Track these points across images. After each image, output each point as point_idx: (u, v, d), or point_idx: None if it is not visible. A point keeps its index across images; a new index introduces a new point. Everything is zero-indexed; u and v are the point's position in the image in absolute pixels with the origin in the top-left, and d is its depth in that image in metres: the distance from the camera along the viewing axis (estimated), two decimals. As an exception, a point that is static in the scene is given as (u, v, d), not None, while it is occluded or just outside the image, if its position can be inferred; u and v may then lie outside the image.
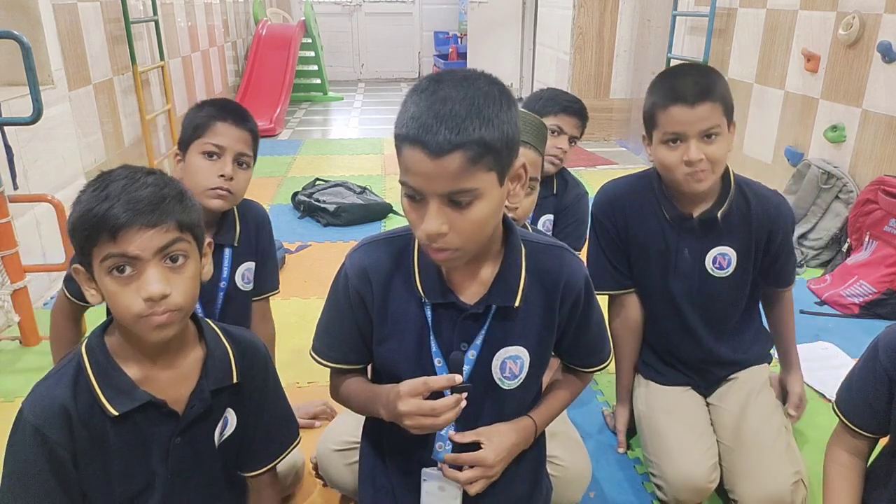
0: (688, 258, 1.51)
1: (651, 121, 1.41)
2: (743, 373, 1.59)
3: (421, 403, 0.95)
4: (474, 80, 0.89)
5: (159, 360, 0.99)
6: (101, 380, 0.95)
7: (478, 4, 7.06)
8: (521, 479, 1.16)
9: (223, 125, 1.44)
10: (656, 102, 1.38)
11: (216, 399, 1.04)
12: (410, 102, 0.89)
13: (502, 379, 1.07)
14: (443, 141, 0.83)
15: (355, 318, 1.07)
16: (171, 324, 0.93)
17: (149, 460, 1.01)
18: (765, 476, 1.38)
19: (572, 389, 1.20)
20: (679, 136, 1.35)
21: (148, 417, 0.99)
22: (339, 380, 1.15)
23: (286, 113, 6.34)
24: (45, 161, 2.56)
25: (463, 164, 0.85)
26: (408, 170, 0.88)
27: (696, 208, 1.49)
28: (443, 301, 1.01)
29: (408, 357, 1.04)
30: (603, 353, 1.18)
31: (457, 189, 0.87)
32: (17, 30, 2.01)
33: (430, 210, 0.88)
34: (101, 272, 0.91)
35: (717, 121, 1.34)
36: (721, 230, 1.48)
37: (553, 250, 1.07)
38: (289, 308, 2.53)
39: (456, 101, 0.85)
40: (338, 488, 1.48)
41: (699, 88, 1.33)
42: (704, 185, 1.39)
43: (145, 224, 0.89)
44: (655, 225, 1.52)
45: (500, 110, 0.87)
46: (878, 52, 2.72)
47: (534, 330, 1.06)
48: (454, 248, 0.91)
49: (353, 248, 1.09)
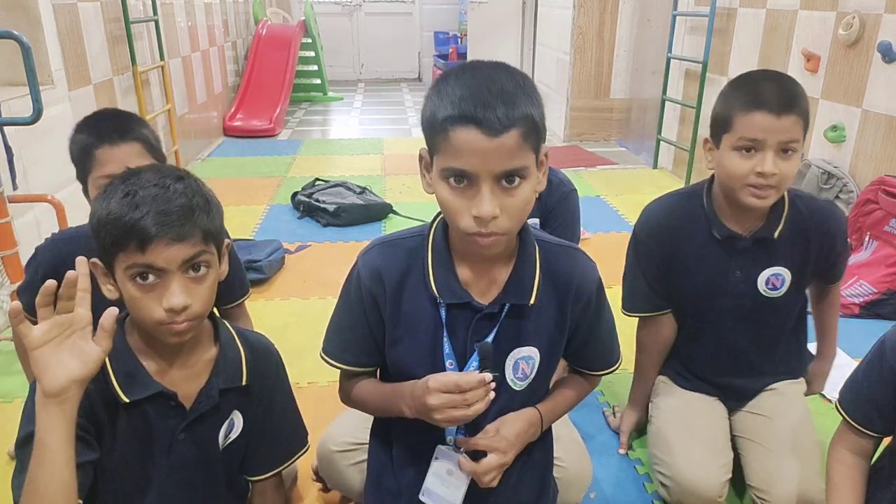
0: (739, 279, 1.44)
1: (724, 124, 1.31)
2: (779, 384, 1.57)
3: (452, 396, 0.94)
4: (505, 65, 0.91)
5: (173, 357, 1.02)
6: (117, 367, 0.98)
7: (478, 4, 7.06)
8: (529, 483, 1.15)
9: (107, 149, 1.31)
10: (736, 106, 1.29)
11: (224, 399, 1.06)
12: (450, 86, 0.87)
13: (514, 380, 1.06)
14: (502, 117, 0.84)
15: (368, 320, 1.06)
16: (189, 330, 0.96)
17: (151, 452, 1.02)
18: (806, 483, 1.35)
19: (579, 390, 1.19)
20: (756, 144, 1.27)
21: (156, 408, 1.00)
22: (351, 383, 1.13)
23: (286, 113, 6.34)
24: (45, 161, 2.56)
25: (518, 140, 0.86)
26: (458, 152, 0.86)
27: (748, 227, 1.41)
28: (458, 301, 1.01)
29: (421, 359, 1.03)
30: (612, 357, 1.17)
31: (512, 167, 0.87)
32: (17, 30, 2.01)
33: (483, 192, 0.87)
34: (123, 276, 0.93)
35: (797, 136, 1.26)
36: (776, 250, 1.41)
37: (566, 251, 1.07)
38: (288, 308, 2.53)
39: (502, 80, 0.86)
40: (339, 489, 1.48)
41: (787, 98, 1.25)
42: (766, 203, 1.32)
43: (174, 238, 0.91)
44: (704, 246, 1.45)
45: (535, 91, 0.90)
46: (878, 52, 2.72)
47: (546, 330, 1.06)
48: (503, 232, 0.91)
49: (366, 249, 1.08)
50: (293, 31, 6.72)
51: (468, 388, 0.93)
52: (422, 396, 0.96)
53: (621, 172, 4.53)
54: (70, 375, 0.85)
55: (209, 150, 5.17)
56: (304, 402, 1.45)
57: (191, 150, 4.78)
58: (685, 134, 4.32)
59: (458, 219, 0.91)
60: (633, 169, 4.70)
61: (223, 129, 5.70)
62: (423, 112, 0.93)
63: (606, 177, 4.38)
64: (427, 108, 0.91)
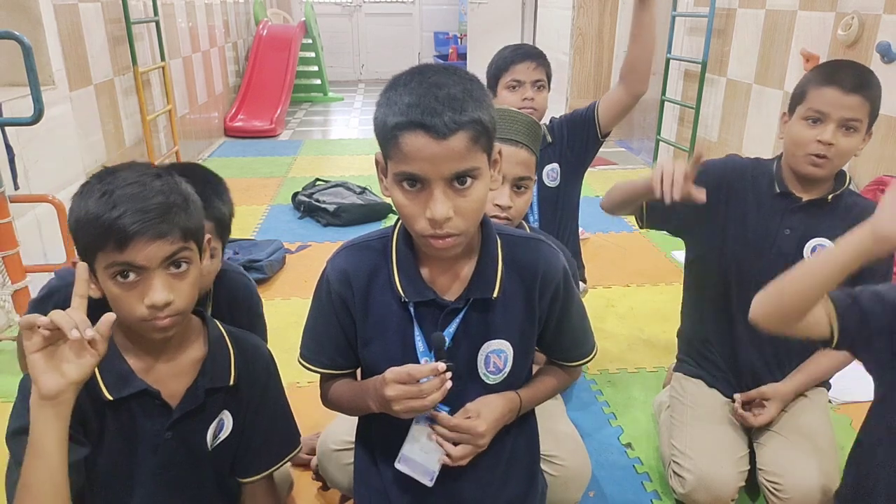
0: (788, 237, 1.48)
1: (800, 96, 1.43)
2: None
3: (408, 387, 0.96)
4: (454, 70, 0.94)
5: (158, 355, 1.02)
6: (102, 365, 0.97)
7: (478, 5, 7.06)
8: (517, 479, 1.16)
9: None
10: (812, 80, 1.41)
11: (211, 398, 1.05)
12: (399, 94, 0.90)
13: (487, 374, 1.08)
14: (448, 121, 0.86)
15: (339, 322, 1.08)
16: (173, 326, 0.96)
17: (138, 452, 1.02)
18: (826, 478, 1.36)
19: (559, 378, 1.19)
20: (822, 116, 1.37)
21: (142, 407, 1.01)
22: (328, 385, 1.15)
23: (286, 113, 6.34)
24: (45, 161, 2.57)
25: (467, 143, 0.88)
26: (408, 157, 0.89)
27: (806, 195, 1.47)
28: (422, 299, 1.02)
29: (392, 357, 1.04)
30: (586, 347, 1.17)
31: (462, 169, 0.89)
32: (17, 30, 2.02)
33: (435, 195, 0.90)
34: (104, 275, 0.93)
35: (861, 115, 1.36)
36: (825, 221, 1.45)
37: (529, 242, 1.08)
38: (289, 308, 2.54)
39: (449, 85, 0.89)
40: (338, 487, 1.49)
41: (857, 80, 1.37)
42: (821, 172, 1.40)
43: (153, 236, 0.91)
44: (762, 198, 1.51)
45: (485, 95, 0.93)
46: (877, 52, 2.73)
47: (515, 323, 1.07)
48: (458, 233, 0.93)
49: (334, 253, 1.10)
50: (294, 31, 6.73)
51: (420, 376, 0.96)
52: (380, 389, 0.98)
53: (621, 172, 4.54)
54: (67, 378, 0.86)
55: (210, 150, 5.18)
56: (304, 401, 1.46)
57: (192, 150, 4.79)
58: (684, 134, 4.33)
59: (413, 222, 0.93)
60: (633, 169, 4.71)
61: (224, 129, 5.71)
62: (374, 118, 0.94)
63: (606, 177, 4.38)
64: (378, 114, 0.93)
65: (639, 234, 3.37)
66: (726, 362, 1.59)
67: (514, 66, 1.89)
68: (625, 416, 1.95)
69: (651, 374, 2.16)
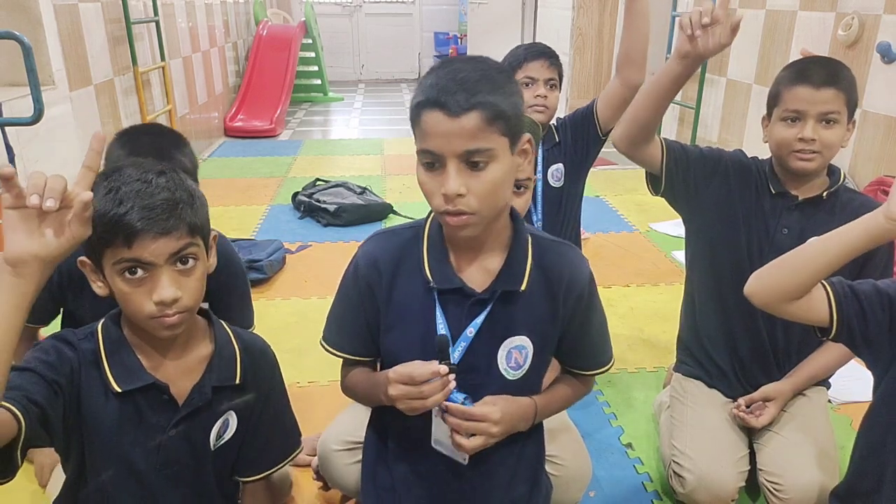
0: (786, 237, 1.48)
1: (774, 99, 1.45)
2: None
3: (409, 388, 0.97)
4: (482, 59, 0.98)
5: (166, 352, 1.03)
6: (112, 357, 0.99)
7: (478, 5, 7.06)
8: (521, 479, 1.16)
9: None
10: (783, 81, 1.43)
11: (217, 397, 1.06)
12: (426, 78, 0.96)
13: (507, 369, 1.08)
14: (461, 100, 0.90)
15: (364, 308, 1.09)
16: (181, 323, 0.97)
17: (141, 446, 1.02)
18: (827, 478, 1.36)
19: (573, 388, 1.19)
20: (799, 114, 1.40)
21: (148, 401, 1.01)
22: (347, 371, 1.17)
23: (286, 113, 6.34)
24: (45, 161, 2.56)
25: (479, 123, 0.91)
26: (426, 134, 0.93)
27: (801, 193, 1.48)
28: (450, 287, 1.03)
29: (412, 345, 1.05)
30: (604, 357, 1.18)
31: (474, 147, 0.92)
32: (17, 30, 2.02)
33: (448, 171, 0.93)
34: (112, 272, 0.94)
35: (837, 107, 1.38)
36: (823, 217, 1.46)
37: (559, 247, 1.10)
38: (289, 308, 2.53)
39: (468, 70, 0.93)
40: (339, 487, 1.49)
41: (827, 74, 1.38)
42: (811, 166, 1.41)
43: (160, 232, 0.91)
44: (759, 199, 1.52)
45: (507, 82, 0.96)
46: (878, 52, 2.73)
47: (538, 321, 1.08)
48: (471, 212, 0.94)
49: (366, 240, 1.12)
50: (294, 31, 6.73)
51: (421, 379, 0.97)
52: (384, 385, 1.00)
53: (621, 172, 4.53)
54: (29, 249, 0.78)
55: (210, 150, 5.17)
56: (305, 401, 1.47)
57: (191, 150, 4.78)
58: (684, 134, 4.33)
59: (431, 199, 0.97)
60: (633, 169, 4.69)
61: (224, 129, 5.71)
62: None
63: (606, 177, 4.38)
64: (411, 100, 0.98)
65: (639, 234, 3.37)
66: (726, 362, 1.59)
67: (528, 64, 1.90)
68: (625, 416, 1.95)
69: (651, 374, 2.16)
